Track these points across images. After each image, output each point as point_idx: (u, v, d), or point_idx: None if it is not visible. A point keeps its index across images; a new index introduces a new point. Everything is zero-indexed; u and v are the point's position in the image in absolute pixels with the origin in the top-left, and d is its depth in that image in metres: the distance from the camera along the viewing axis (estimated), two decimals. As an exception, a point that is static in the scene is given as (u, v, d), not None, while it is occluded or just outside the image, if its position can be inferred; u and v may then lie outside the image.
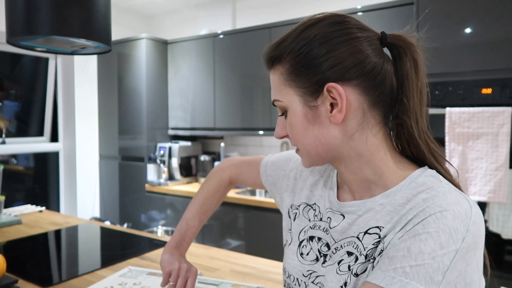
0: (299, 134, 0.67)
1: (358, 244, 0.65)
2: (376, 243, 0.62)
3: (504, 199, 1.80)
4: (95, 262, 1.45)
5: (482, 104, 1.87)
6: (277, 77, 0.67)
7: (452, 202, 0.57)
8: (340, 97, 0.62)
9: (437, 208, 0.56)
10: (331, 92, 0.63)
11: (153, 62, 3.40)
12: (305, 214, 0.78)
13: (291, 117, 0.67)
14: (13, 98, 3.35)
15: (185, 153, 3.43)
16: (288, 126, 0.68)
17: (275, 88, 0.68)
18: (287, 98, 0.66)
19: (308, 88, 0.64)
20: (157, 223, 3.34)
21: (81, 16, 1.21)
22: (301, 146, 0.68)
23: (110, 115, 3.61)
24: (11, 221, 1.87)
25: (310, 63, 0.63)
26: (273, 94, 0.69)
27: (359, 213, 0.67)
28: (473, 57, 1.89)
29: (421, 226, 0.56)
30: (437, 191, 0.60)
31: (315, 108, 0.64)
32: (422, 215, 0.57)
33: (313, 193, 0.79)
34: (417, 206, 0.59)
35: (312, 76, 0.63)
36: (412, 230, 0.56)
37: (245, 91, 3.07)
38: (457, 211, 0.56)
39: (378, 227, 0.63)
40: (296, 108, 0.66)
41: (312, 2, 3.04)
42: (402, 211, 0.61)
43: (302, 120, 0.66)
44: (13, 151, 3.30)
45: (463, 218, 0.56)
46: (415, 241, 0.55)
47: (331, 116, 0.63)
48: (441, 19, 1.96)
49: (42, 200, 3.59)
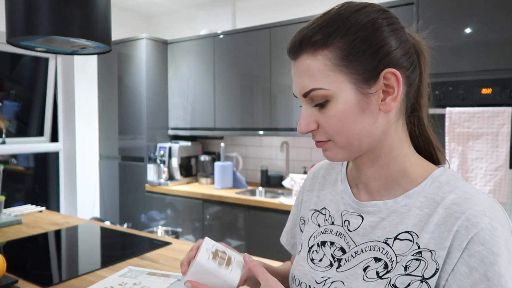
0: (346, 124, 0.61)
1: (387, 250, 0.62)
2: (416, 254, 0.59)
3: (504, 199, 1.80)
4: (95, 262, 1.45)
5: (482, 104, 1.86)
6: (321, 63, 0.61)
7: (489, 206, 0.58)
8: (397, 84, 0.61)
9: (484, 218, 0.56)
10: (387, 79, 0.61)
11: (153, 62, 3.40)
12: (314, 220, 0.76)
13: (340, 105, 0.61)
14: (13, 98, 3.35)
15: (185, 153, 3.43)
16: (331, 117, 0.62)
17: (316, 76, 0.61)
18: (335, 86, 0.61)
19: (363, 75, 0.60)
20: (157, 223, 3.34)
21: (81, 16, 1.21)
22: (344, 138, 0.63)
23: (110, 115, 3.61)
24: (11, 221, 1.87)
25: (367, 49, 0.60)
26: (310, 83, 0.62)
27: (381, 215, 0.65)
28: (473, 57, 1.89)
29: (482, 246, 0.55)
30: (465, 191, 0.60)
31: (369, 96, 0.61)
32: (473, 228, 0.56)
33: (320, 198, 0.77)
34: (454, 211, 0.58)
35: (368, 62, 0.60)
36: (472, 250, 0.55)
37: (245, 91, 3.07)
38: (499, 218, 0.57)
39: (409, 232, 0.61)
40: (348, 96, 0.60)
41: (312, 2, 3.04)
42: (436, 217, 0.59)
43: (354, 108, 0.61)
44: (13, 151, 3.30)
45: (506, 225, 0.58)
46: (487, 266, 0.54)
47: (383, 104, 0.62)
48: (441, 19, 1.96)
49: (42, 200, 3.59)
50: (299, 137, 3.15)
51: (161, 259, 1.42)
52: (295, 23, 2.77)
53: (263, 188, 3.14)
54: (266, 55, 2.91)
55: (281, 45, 2.85)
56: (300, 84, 0.63)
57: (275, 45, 2.87)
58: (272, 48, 2.89)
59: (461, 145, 1.90)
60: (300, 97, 0.64)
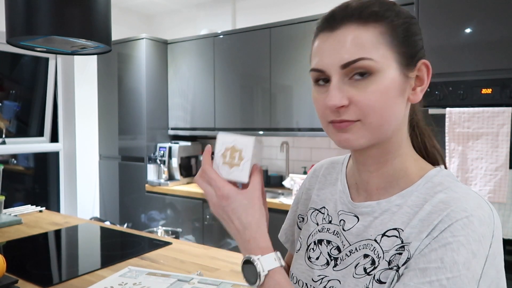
0: (386, 101, 0.59)
1: (375, 246, 0.63)
2: (399, 248, 0.59)
3: (504, 199, 1.80)
4: (95, 262, 1.45)
5: (482, 104, 1.86)
6: (372, 35, 0.59)
7: (474, 206, 0.56)
8: (427, 77, 0.63)
9: (462, 213, 0.55)
10: (420, 70, 0.62)
11: (153, 62, 3.40)
12: (313, 219, 0.76)
13: (385, 81, 0.59)
14: (13, 98, 3.35)
15: (185, 153, 3.43)
16: (371, 92, 0.58)
17: (366, 46, 0.59)
18: (383, 60, 0.59)
19: (407, 59, 0.61)
20: (157, 223, 3.34)
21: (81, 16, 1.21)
22: (378, 117, 0.59)
23: (110, 115, 3.61)
24: (11, 221, 1.87)
25: (414, 35, 0.62)
26: (358, 52, 0.58)
27: (374, 214, 0.65)
28: (473, 57, 1.89)
29: (450, 234, 0.54)
30: (455, 191, 0.59)
31: (408, 80, 0.62)
32: (448, 221, 0.55)
33: (320, 197, 0.78)
34: (439, 209, 0.57)
35: (413, 48, 0.62)
36: (440, 237, 0.55)
37: (245, 91, 3.07)
38: (481, 216, 0.55)
39: (396, 229, 0.61)
40: (394, 74, 0.59)
41: (312, 2, 3.04)
42: (422, 213, 0.59)
43: (396, 88, 0.60)
44: (13, 151, 3.30)
45: (488, 223, 0.56)
46: (447, 251, 0.53)
47: (412, 94, 0.62)
48: (441, 19, 1.96)
49: (42, 200, 3.59)
50: (299, 137, 3.15)
51: (161, 259, 1.42)
52: (295, 23, 2.77)
53: (263, 188, 3.14)
54: (266, 55, 2.91)
55: (281, 45, 2.85)
56: (342, 54, 0.59)
57: (275, 45, 2.87)
58: (272, 48, 2.89)
59: (461, 145, 1.90)
60: (336, 69, 0.60)
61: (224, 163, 0.68)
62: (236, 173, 0.67)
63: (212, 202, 0.67)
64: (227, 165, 0.67)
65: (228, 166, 0.67)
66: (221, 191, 0.65)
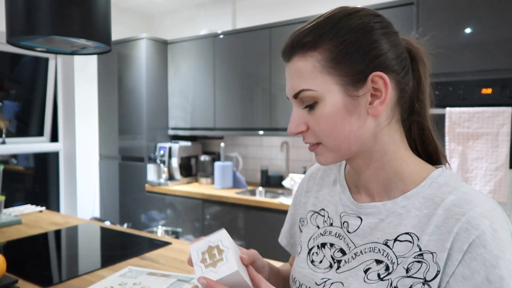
0: (334, 126, 0.62)
1: (388, 252, 0.62)
2: (418, 256, 0.59)
3: (504, 199, 1.80)
4: (95, 262, 1.45)
5: (482, 104, 1.86)
6: (310, 65, 0.62)
7: (490, 208, 0.58)
8: (385, 88, 0.62)
9: (484, 221, 0.56)
10: (375, 82, 0.61)
11: (153, 62, 3.40)
12: (313, 222, 0.76)
13: (327, 107, 0.62)
14: (13, 98, 3.35)
15: (185, 153, 3.43)
16: (319, 119, 0.63)
17: (305, 77, 0.62)
18: (323, 87, 0.61)
19: (351, 77, 0.61)
20: (157, 223, 3.34)
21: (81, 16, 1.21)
22: (332, 140, 0.63)
23: (110, 115, 3.61)
24: (11, 221, 1.87)
25: (356, 51, 0.61)
26: (300, 84, 0.63)
27: (380, 216, 0.65)
28: (473, 57, 1.89)
29: (483, 249, 0.54)
30: (464, 192, 0.60)
31: (356, 98, 0.62)
32: (474, 231, 0.56)
33: (319, 199, 0.77)
34: (454, 213, 0.58)
35: (356, 64, 0.61)
36: (474, 253, 0.55)
37: (245, 91, 3.07)
38: (500, 220, 0.58)
39: (409, 233, 0.61)
40: (335, 98, 0.61)
41: (312, 2, 3.04)
42: (437, 219, 0.59)
43: (341, 110, 0.62)
44: (13, 151, 3.30)
45: (506, 226, 0.58)
46: (488, 269, 0.54)
47: (371, 108, 0.62)
48: (441, 19, 1.96)
49: (42, 200, 3.59)
50: (299, 137, 3.15)
51: (161, 259, 1.42)
52: (295, 23, 2.77)
53: (263, 188, 3.14)
54: (266, 55, 2.91)
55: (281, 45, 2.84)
56: (291, 85, 0.65)
57: (275, 45, 2.87)
58: (272, 48, 2.89)
59: (461, 145, 1.90)
60: (291, 98, 0.66)
61: (207, 266, 0.66)
62: (223, 268, 0.64)
63: None
64: (211, 266, 0.66)
65: (212, 266, 0.66)
66: None
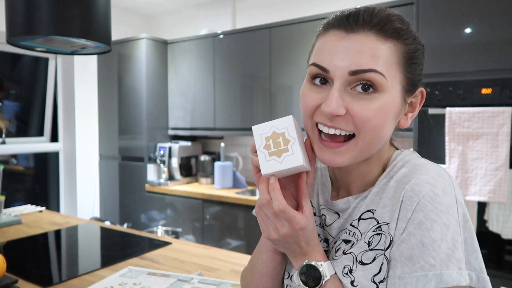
0: (383, 122, 0.58)
1: (354, 231, 0.64)
2: (376, 229, 0.60)
3: (504, 199, 1.80)
4: (95, 262, 1.45)
5: (482, 104, 1.86)
6: (389, 51, 0.58)
7: (435, 175, 0.58)
8: (420, 105, 0.64)
9: (426, 186, 0.57)
10: (416, 96, 0.64)
11: (153, 62, 3.40)
12: None
13: (387, 100, 0.58)
14: (13, 98, 3.35)
15: (185, 153, 3.43)
16: (374, 110, 0.57)
17: (381, 60, 0.57)
18: (391, 80, 0.58)
19: (410, 84, 0.61)
20: (157, 223, 3.34)
21: (81, 16, 1.21)
22: (371, 135, 0.59)
23: (110, 115, 3.61)
24: (11, 221, 1.87)
25: (418, 64, 0.62)
26: (372, 63, 0.56)
27: (353, 205, 0.67)
28: (473, 57, 1.89)
29: (422, 214, 0.56)
30: (416, 163, 0.62)
31: (404, 105, 0.63)
32: (415, 197, 0.57)
33: None
34: (402, 183, 0.60)
35: (415, 75, 0.62)
36: (413, 218, 0.56)
37: (245, 91, 3.07)
38: (443, 185, 0.57)
39: (370, 210, 0.63)
40: (396, 95, 0.59)
41: (312, 2, 3.04)
42: (389, 191, 0.61)
43: (395, 111, 0.60)
44: (13, 151, 3.30)
45: (450, 190, 0.58)
46: (423, 232, 0.55)
47: (404, 118, 0.64)
48: (441, 19, 1.96)
49: (42, 200, 3.59)
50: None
51: (161, 259, 1.42)
52: (295, 23, 2.77)
53: (263, 188, 3.14)
54: (266, 55, 2.91)
55: (281, 45, 2.85)
56: (355, 59, 0.56)
57: (275, 45, 2.87)
58: (272, 48, 2.89)
59: (461, 145, 1.90)
60: (344, 73, 0.57)
61: (271, 154, 0.61)
62: (288, 160, 0.60)
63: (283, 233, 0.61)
64: (275, 155, 0.61)
65: (276, 155, 0.61)
66: (299, 224, 0.60)
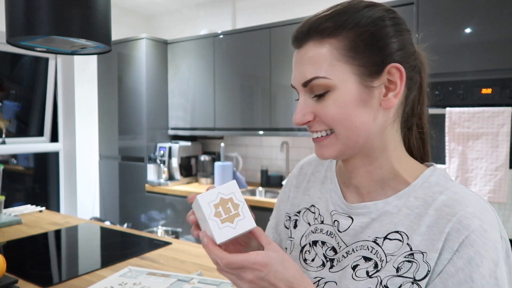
0: (347, 115, 0.60)
1: (377, 249, 0.62)
2: (408, 256, 0.59)
3: (504, 199, 1.80)
4: (95, 262, 1.45)
5: (482, 104, 1.86)
6: (327, 52, 0.60)
7: (481, 209, 0.58)
8: (400, 80, 0.61)
9: (475, 221, 0.56)
10: (391, 74, 0.61)
11: (153, 62, 3.40)
12: (305, 219, 0.75)
13: (342, 96, 0.60)
14: (13, 98, 3.35)
15: (185, 153, 3.43)
16: (330, 107, 0.61)
17: (320, 64, 0.60)
18: (338, 76, 0.60)
19: (369, 68, 0.60)
20: (157, 223, 3.34)
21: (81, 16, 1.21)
22: (344, 129, 0.61)
23: (110, 115, 3.61)
24: (11, 221, 1.87)
25: (375, 43, 0.60)
26: (313, 71, 0.61)
27: (371, 216, 0.64)
28: (473, 57, 1.89)
29: (471, 248, 0.55)
30: (455, 192, 0.60)
31: (371, 89, 0.61)
32: (464, 231, 0.56)
33: (310, 195, 0.77)
34: (445, 213, 0.58)
35: (375, 55, 0.60)
36: (461, 252, 0.55)
37: (245, 91, 3.07)
38: (490, 219, 0.57)
39: (399, 232, 0.61)
40: (350, 87, 0.60)
41: (312, 2, 3.04)
42: (428, 219, 0.59)
43: (356, 100, 0.60)
44: (13, 151, 3.30)
45: (496, 226, 0.58)
46: (473, 268, 0.54)
47: (384, 100, 0.62)
48: (441, 19, 1.96)
49: (42, 200, 3.59)
50: (299, 137, 3.15)
51: (161, 259, 1.42)
52: (295, 23, 2.77)
53: (263, 188, 3.14)
54: (266, 55, 2.91)
55: (281, 45, 2.85)
56: (302, 73, 0.62)
57: (275, 45, 2.87)
58: (272, 48, 2.89)
59: (461, 145, 1.90)
60: (299, 86, 0.63)
61: (223, 221, 0.59)
62: (241, 224, 0.60)
63: (249, 280, 0.58)
64: (228, 221, 0.59)
65: (228, 222, 0.60)
66: (258, 263, 0.57)
